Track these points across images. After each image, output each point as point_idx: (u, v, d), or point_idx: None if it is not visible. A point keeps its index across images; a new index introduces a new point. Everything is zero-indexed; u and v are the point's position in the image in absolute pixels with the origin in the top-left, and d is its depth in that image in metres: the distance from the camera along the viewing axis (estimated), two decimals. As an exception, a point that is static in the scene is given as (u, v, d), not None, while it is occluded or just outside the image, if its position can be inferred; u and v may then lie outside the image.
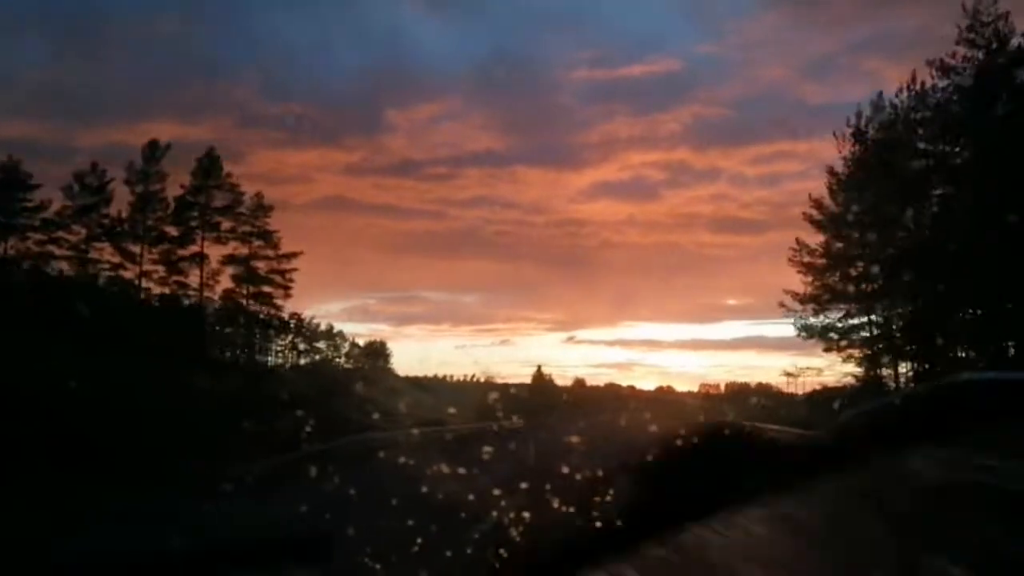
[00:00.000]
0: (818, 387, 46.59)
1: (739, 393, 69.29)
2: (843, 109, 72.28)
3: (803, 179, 79.85)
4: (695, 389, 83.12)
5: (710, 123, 75.52)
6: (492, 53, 78.21)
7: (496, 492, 6.52)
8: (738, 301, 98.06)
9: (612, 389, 75.87)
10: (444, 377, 72.15)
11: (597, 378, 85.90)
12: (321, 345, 64.21)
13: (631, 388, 77.28)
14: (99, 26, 76.34)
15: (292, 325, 52.39)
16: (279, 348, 54.73)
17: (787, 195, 75.81)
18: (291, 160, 73.44)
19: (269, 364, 52.18)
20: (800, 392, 56.55)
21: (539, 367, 63.03)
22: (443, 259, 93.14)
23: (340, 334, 65.44)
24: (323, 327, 63.01)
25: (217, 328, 46.34)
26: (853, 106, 33.97)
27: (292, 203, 73.99)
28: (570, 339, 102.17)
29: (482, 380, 60.99)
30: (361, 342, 68.14)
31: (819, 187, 35.18)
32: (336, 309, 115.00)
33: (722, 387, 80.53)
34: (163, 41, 75.11)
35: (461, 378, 71.42)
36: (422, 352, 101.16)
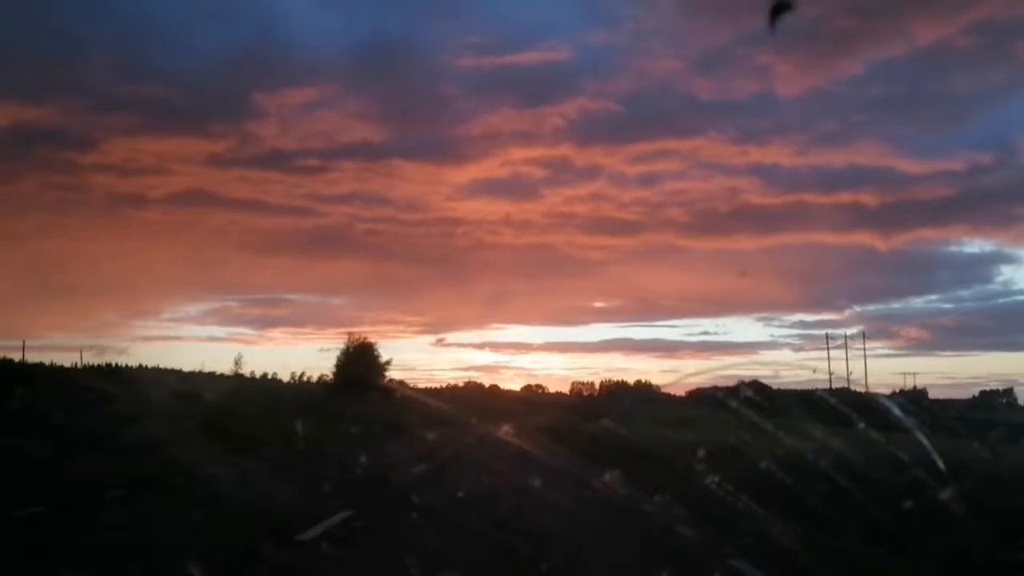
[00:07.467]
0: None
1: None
2: (730, 106, 73.25)
3: (682, 179, 79.71)
4: (566, 390, 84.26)
5: (595, 118, 69.86)
6: (371, 36, 73.35)
7: None
8: (607, 303, 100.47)
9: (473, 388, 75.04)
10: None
11: (459, 380, 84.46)
12: None
13: (495, 387, 77.24)
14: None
15: None
16: None
17: (664, 195, 76.63)
18: (148, 148, 66.10)
19: None
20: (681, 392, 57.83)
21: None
22: (311, 259, 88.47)
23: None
24: None
25: None
26: (740, 103, 32.70)
27: (148, 196, 67.38)
28: (439, 341, 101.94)
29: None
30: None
31: (696, 187, 34.10)
32: (195, 312, 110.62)
33: (596, 386, 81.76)
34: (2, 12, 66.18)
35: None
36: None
